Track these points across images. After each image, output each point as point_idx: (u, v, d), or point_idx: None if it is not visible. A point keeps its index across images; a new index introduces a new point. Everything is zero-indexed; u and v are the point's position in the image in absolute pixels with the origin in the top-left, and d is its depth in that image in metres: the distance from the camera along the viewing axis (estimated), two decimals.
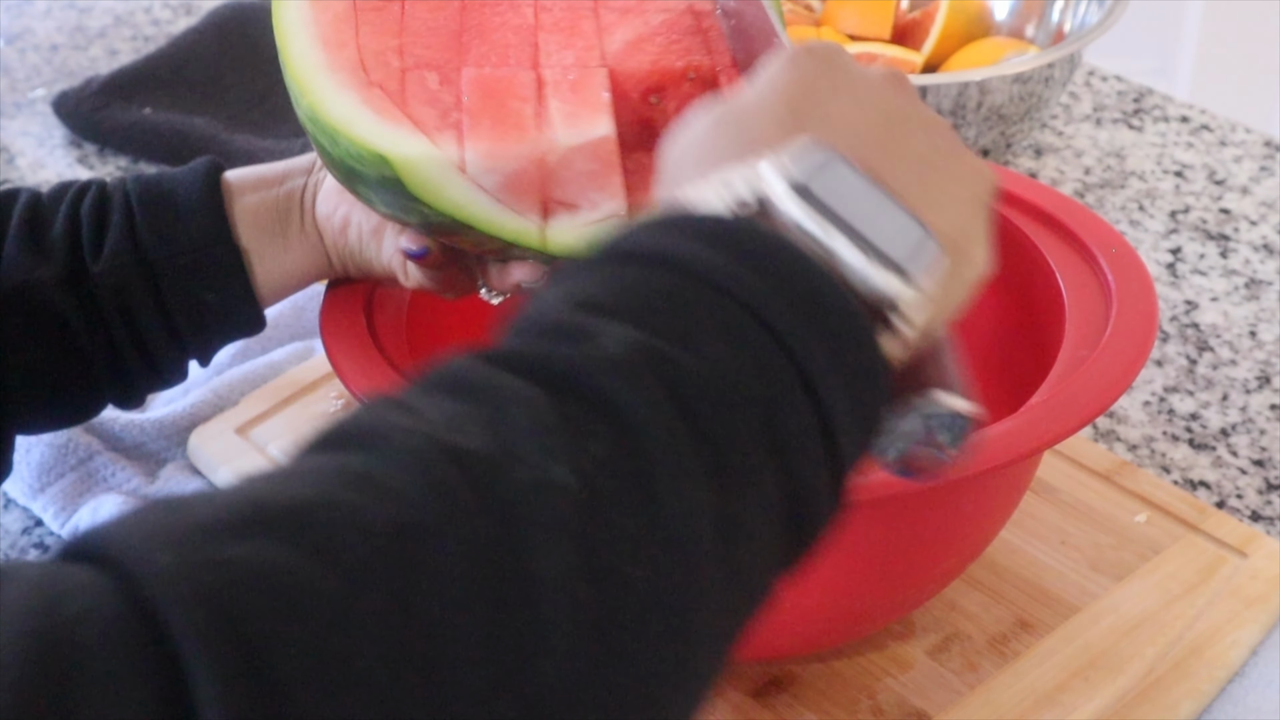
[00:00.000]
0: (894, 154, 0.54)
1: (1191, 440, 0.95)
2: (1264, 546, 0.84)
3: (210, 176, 0.76)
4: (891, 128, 0.54)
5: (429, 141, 0.67)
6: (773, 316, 0.46)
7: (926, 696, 0.76)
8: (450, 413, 0.42)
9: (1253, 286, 1.09)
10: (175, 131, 1.24)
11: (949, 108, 1.13)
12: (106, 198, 0.75)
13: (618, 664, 0.40)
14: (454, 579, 0.38)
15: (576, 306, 0.46)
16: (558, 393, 0.42)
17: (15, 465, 0.91)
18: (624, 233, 0.49)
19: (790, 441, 0.45)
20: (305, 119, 0.70)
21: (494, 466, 0.40)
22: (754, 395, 0.45)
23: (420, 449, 0.40)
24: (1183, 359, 1.02)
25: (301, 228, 0.77)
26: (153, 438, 0.94)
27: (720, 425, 0.44)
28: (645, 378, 0.43)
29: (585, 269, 0.48)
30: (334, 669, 0.35)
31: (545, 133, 0.69)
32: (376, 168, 0.67)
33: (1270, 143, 1.26)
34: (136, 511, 0.38)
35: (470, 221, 0.68)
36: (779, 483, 0.45)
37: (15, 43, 1.45)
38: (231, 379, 0.98)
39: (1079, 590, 0.82)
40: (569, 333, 0.44)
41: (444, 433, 0.41)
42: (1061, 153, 1.26)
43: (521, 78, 0.70)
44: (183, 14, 1.50)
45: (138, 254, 0.74)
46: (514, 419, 0.41)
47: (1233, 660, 0.78)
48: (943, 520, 0.72)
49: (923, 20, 1.28)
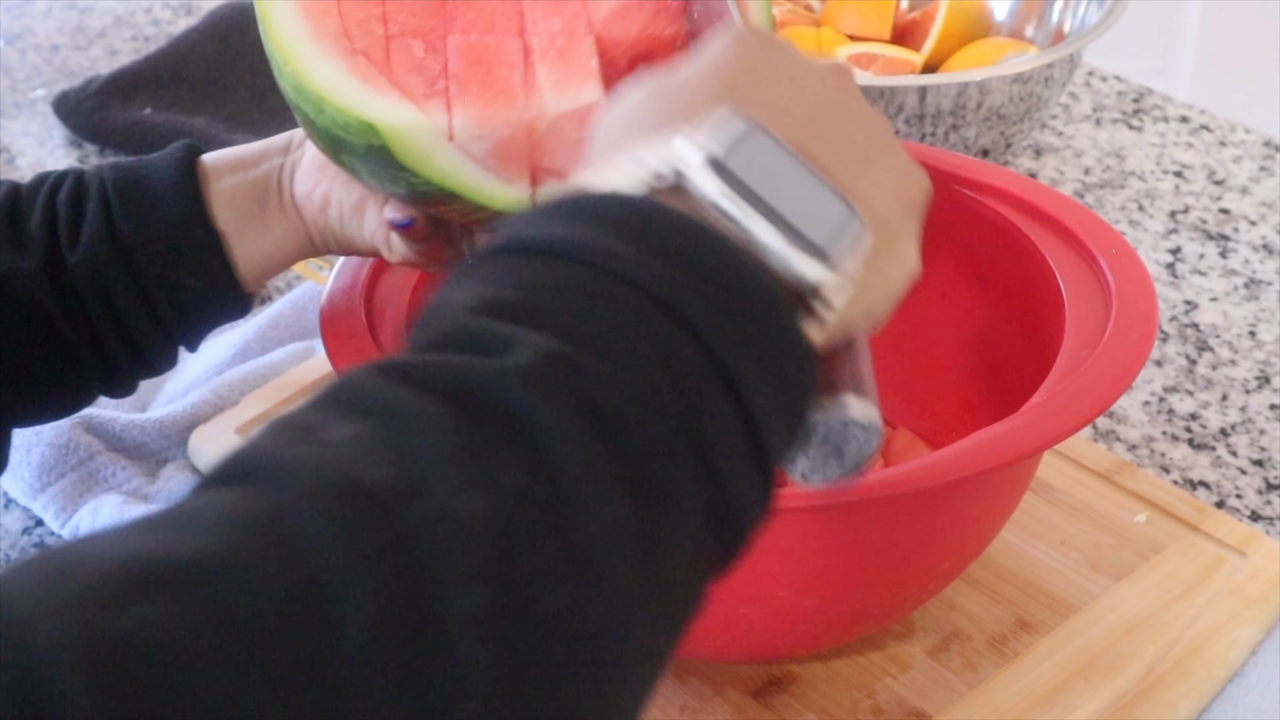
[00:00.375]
0: (828, 140, 0.52)
1: (1191, 440, 0.95)
2: (1264, 546, 0.84)
3: (185, 160, 0.75)
4: (829, 116, 0.53)
5: (417, 109, 0.66)
6: (686, 308, 0.44)
7: (926, 696, 0.76)
8: (352, 437, 0.39)
9: (1252, 286, 1.09)
10: (175, 131, 1.24)
11: (949, 108, 1.13)
12: (83, 186, 0.75)
13: (543, 698, 0.38)
14: (361, 633, 0.35)
15: (481, 310, 0.43)
16: (464, 410, 0.40)
17: (15, 465, 0.91)
18: (527, 220, 0.47)
19: (712, 443, 0.43)
20: (289, 88, 0.69)
21: (399, 501, 0.38)
22: (671, 398, 0.43)
23: (321, 485, 0.38)
24: (1182, 359, 1.02)
25: (281, 207, 0.76)
26: (153, 438, 0.94)
27: (638, 436, 0.41)
28: (556, 391, 0.41)
29: (488, 265, 0.45)
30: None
31: (534, 100, 0.68)
32: (364, 136, 0.66)
33: (1270, 143, 1.26)
34: (25, 566, 0.35)
35: (458, 190, 0.67)
36: (702, 489, 0.43)
37: (15, 43, 1.45)
38: (231, 379, 0.98)
39: (1079, 590, 0.82)
40: (474, 341, 0.42)
41: (346, 463, 0.38)
42: (1061, 153, 1.26)
43: (508, 44, 0.69)
44: (183, 14, 1.50)
45: (114, 241, 0.73)
46: (419, 444, 0.39)
47: (1232, 660, 0.78)
48: (943, 520, 0.72)
49: (923, 20, 1.28)
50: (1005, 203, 0.84)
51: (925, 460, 0.68)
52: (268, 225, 0.76)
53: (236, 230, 0.75)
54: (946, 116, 1.14)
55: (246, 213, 0.75)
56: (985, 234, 0.85)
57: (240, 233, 0.75)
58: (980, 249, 0.86)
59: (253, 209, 0.75)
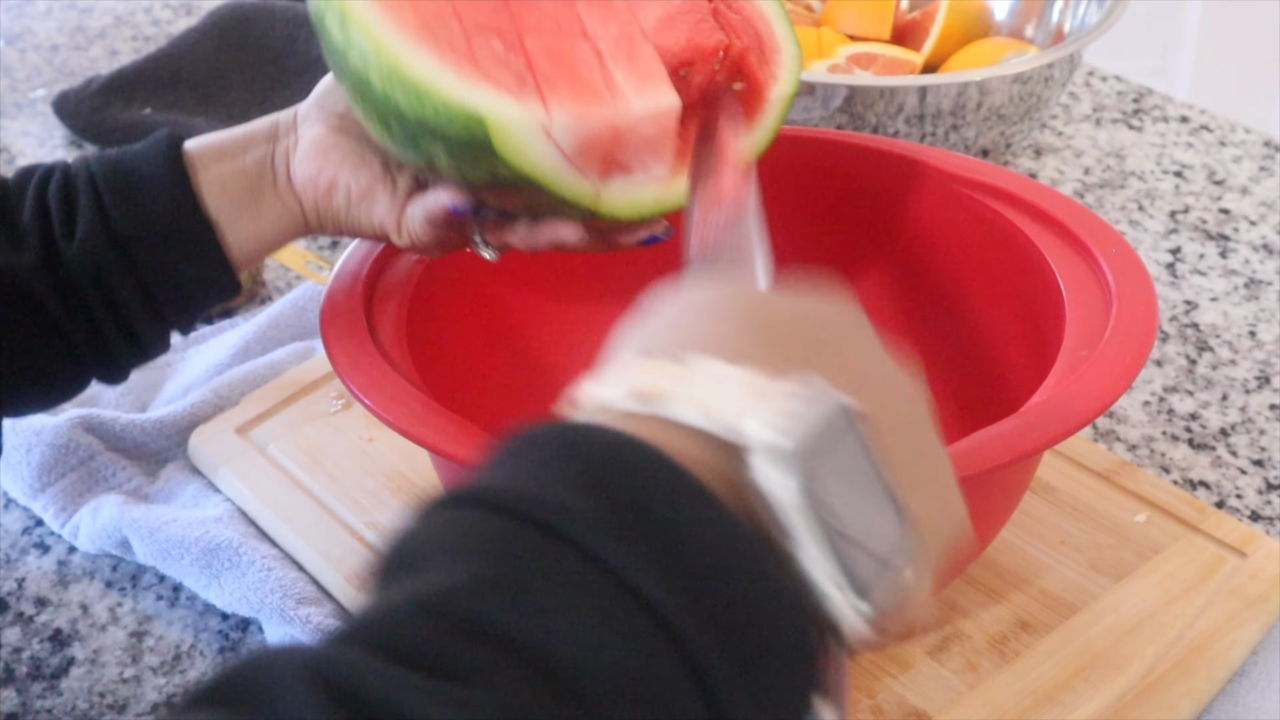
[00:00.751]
0: (905, 441, 0.44)
1: (1191, 440, 0.95)
2: (1264, 546, 0.84)
3: (172, 150, 0.76)
4: (898, 407, 0.44)
5: (516, 102, 0.67)
6: (692, 643, 0.37)
7: (926, 696, 0.76)
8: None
9: (1252, 286, 1.09)
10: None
11: (949, 108, 1.13)
12: (72, 179, 0.75)
13: None
14: None
15: (447, 619, 0.37)
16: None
17: (15, 465, 0.91)
18: (522, 474, 0.40)
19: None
20: (378, 78, 0.69)
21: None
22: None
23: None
24: (1182, 359, 1.02)
25: (276, 193, 0.77)
26: (153, 438, 0.94)
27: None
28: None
29: (461, 532, 0.39)
30: None
31: (619, 99, 0.70)
32: (465, 126, 0.67)
33: (1270, 143, 1.26)
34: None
35: (542, 181, 0.68)
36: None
37: (15, 43, 1.45)
38: (231, 379, 0.98)
39: (1079, 590, 0.82)
40: (434, 665, 0.36)
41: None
42: (1061, 153, 1.26)
43: (581, 46, 0.72)
44: (183, 14, 1.50)
45: (110, 234, 0.74)
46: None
47: (1232, 660, 0.78)
48: None
49: (923, 20, 1.29)
50: (1005, 203, 0.84)
51: None
52: (261, 210, 0.77)
53: (230, 217, 0.76)
54: (946, 116, 1.14)
55: (239, 200, 0.76)
56: (985, 234, 0.85)
57: (233, 219, 0.76)
58: (980, 249, 0.86)
59: (245, 195, 0.76)
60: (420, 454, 0.87)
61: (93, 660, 0.81)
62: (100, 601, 0.85)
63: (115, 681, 0.80)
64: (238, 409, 0.95)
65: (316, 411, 0.95)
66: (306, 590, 0.82)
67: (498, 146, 0.67)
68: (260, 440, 0.93)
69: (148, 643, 0.83)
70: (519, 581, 0.37)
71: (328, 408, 0.96)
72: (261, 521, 0.88)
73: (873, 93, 1.12)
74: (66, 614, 0.84)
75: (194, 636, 0.83)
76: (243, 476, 0.90)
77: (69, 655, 0.82)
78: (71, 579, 0.87)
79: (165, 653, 0.82)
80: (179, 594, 0.85)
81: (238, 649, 0.82)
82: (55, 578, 0.87)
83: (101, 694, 0.79)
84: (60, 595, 0.86)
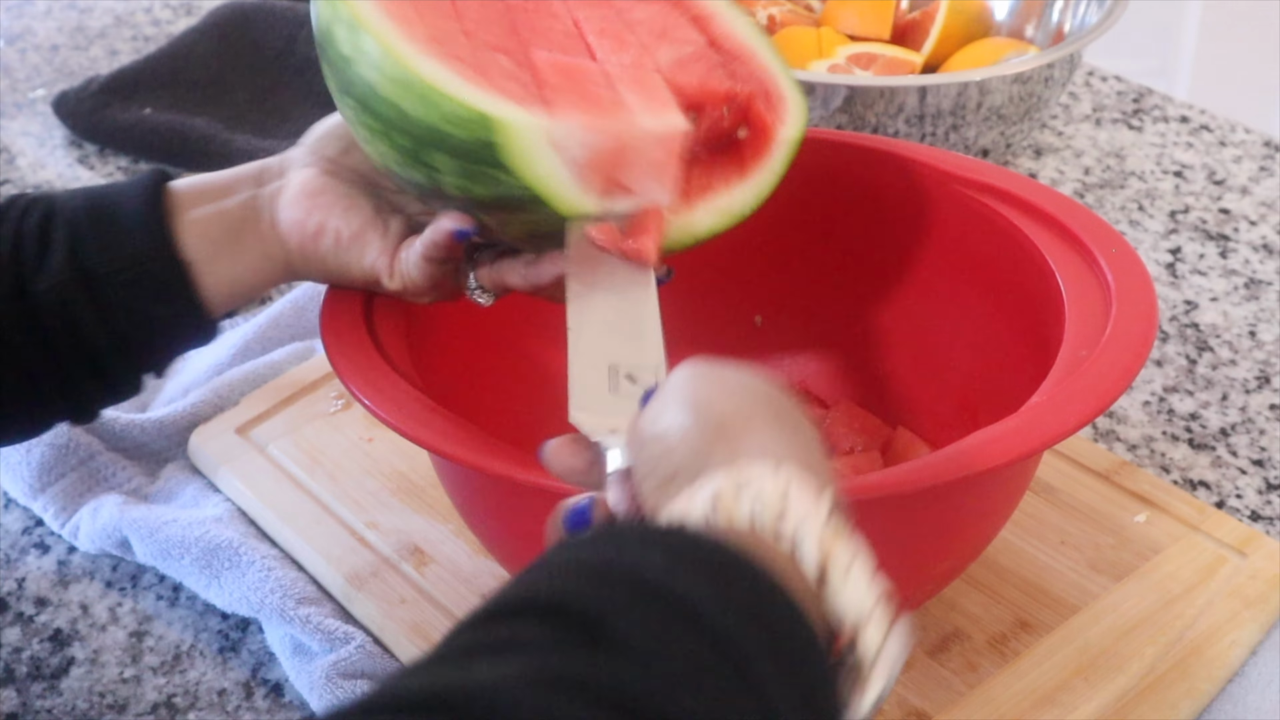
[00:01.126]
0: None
1: (1191, 440, 0.95)
2: (1264, 546, 0.84)
3: (152, 189, 0.75)
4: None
5: (525, 110, 0.67)
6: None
7: (926, 696, 0.76)
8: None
9: (1252, 286, 1.09)
10: (175, 131, 1.24)
11: (949, 108, 1.13)
12: (52, 214, 0.74)
13: None
14: None
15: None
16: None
17: (15, 465, 0.91)
18: (643, 591, 0.45)
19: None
20: (386, 82, 0.68)
21: None
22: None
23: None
24: (1182, 359, 1.02)
25: (259, 236, 0.76)
26: (153, 438, 0.94)
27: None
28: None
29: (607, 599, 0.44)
30: None
31: (628, 116, 0.70)
32: (474, 131, 0.67)
33: (1270, 143, 1.26)
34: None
35: (545, 194, 0.68)
36: None
37: (15, 43, 1.45)
38: (231, 379, 0.98)
39: (1079, 590, 0.82)
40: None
41: None
42: (1061, 153, 1.26)
43: (591, 66, 0.72)
44: (183, 14, 1.50)
45: (80, 272, 0.72)
46: None
47: (1232, 660, 0.78)
48: (943, 520, 0.72)
49: (923, 20, 1.29)
50: (1005, 203, 0.84)
51: (925, 460, 0.68)
52: (241, 254, 0.75)
53: (207, 259, 0.75)
54: (946, 116, 1.14)
55: (218, 242, 0.75)
56: (985, 234, 0.85)
57: (210, 261, 0.75)
58: (980, 249, 0.86)
59: (225, 238, 0.75)
60: (420, 454, 0.88)
61: (93, 660, 0.81)
62: (100, 601, 0.85)
63: (115, 681, 0.80)
64: (238, 409, 0.95)
65: (316, 411, 0.95)
66: (306, 590, 0.82)
67: (504, 155, 0.67)
68: (260, 440, 0.93)
69: (148, 643, 0.83)
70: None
71: (328, 408, 0.96)
72: (261, 521, 0.88)
73: (873, 93, 1.12)
74: (66, 614, 0.84)
75: (194, 636, 0.83)
76: (243, 476, 0.90)
77: (69, 655, 0.82)
78: (71, 579, 0.87)
79: (165, 653, 0.82)
80: (179, 594, 0.85)
81: (238, 649, 0.82)
82: (55, 578, 0.87)
83: (101, 694, 0.79)
84: (60, 595, 0.86)
